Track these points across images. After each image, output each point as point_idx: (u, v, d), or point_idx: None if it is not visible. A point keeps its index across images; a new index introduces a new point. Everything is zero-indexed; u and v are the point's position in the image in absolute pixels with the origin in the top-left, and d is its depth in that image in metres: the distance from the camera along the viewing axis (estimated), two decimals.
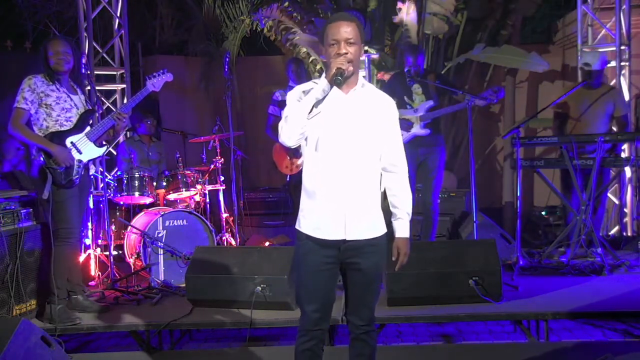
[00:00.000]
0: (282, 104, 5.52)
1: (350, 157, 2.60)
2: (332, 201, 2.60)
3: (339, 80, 2.49)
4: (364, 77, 6.59)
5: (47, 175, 4.04)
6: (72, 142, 4.16)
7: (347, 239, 2.60)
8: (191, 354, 4.20)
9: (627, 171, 6.51)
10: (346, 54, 2.53)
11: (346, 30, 2.55)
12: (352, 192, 2.61)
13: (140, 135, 6.27)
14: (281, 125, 2.58)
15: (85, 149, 4.21)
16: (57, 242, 4.13)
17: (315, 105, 2.50)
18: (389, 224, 2.77)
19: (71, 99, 4.22)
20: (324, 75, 2.59)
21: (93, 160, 4.49)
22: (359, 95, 2.65)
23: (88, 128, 4.26)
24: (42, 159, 4.05)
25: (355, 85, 2.65)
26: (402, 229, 2.77)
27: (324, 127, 2.58)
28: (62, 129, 4.14)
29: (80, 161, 4.19)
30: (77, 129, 4.20)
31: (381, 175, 2.75)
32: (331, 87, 2.52)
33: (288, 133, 2.54)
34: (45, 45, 4.17)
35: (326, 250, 2.61)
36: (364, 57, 6.63)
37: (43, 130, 4.10)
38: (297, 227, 2.71)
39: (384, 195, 2.80)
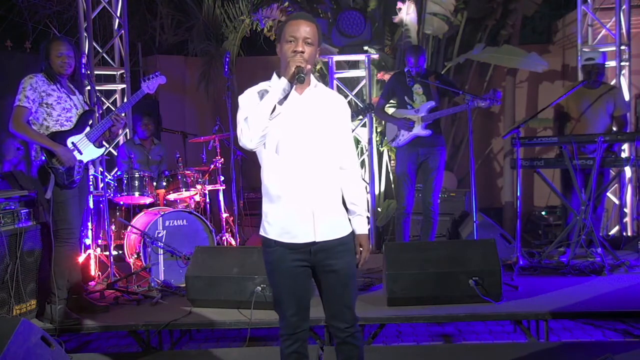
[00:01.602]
0: None
1: (312, 157, 2.58)
2: (299, 203, 2.57)
3: (302, 77, 2.46)
4: (364, 77, 6.67)
5: (50, 175, 4.03)
6: (73, 143, 4.15)
7: (317, 240, 2.58)
8: (191, 354, 4.19)
9: (627, 171, 6.52)
10: (302, 52, 2.51)
11: (305, 29, 2.53)
12: (318, 192, 2.59)
13: (142, 139, 6.27)
14: (240, 128, 2.53)
15: (86, 150, 4.21)
16: (58, 242, 4.12)
17: (280, 103, 2.47)
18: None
19: (71, 99, 4.22)
20: (274, 76, 2.58)
21: (92, 161, 4.49)
22: (313, 95, 2.64)
23: (88, 128, 4.25)
24: (44, 158, 4.04)
25: (309, 86, 2.64)
26: (362, 226, 2.73)
27: (283, 129, 2.55)
28: (63, 129, 4.14)
29: (80, 161, 4.19)
30: (77, 129, 4.19)
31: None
32: (292, 86, 2.49)
33: (249, 135, 2.49)
34: (47, 46, 4.15)
35: (297, 254, 2.59)
36: (364, 57, 6.67)
37: (43, 129, 4.09)
38: (262, 233, 2.68)
39: None
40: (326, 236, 2.59)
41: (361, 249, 2.72)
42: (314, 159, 2.58)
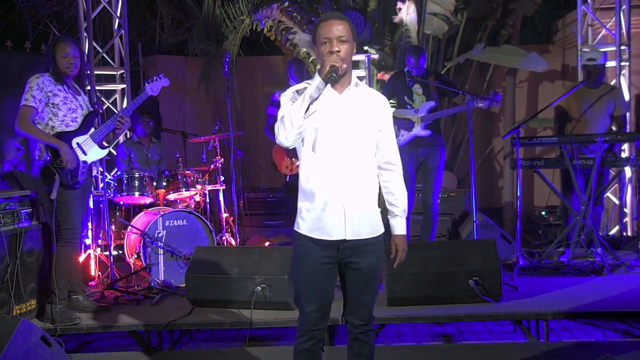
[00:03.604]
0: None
1: (349, 157, 2.60)
2: (332, 201, 2.60)
3: (334, 77, 2.50)
4: (364, 77, 6.66)
5: (55, 175, 4.03)
6: (77, 143, 4.15)
7: (347, 238, 2.61)
8: (191, 354, 4.20)
9: (627, 171, 6.52)
10: (338, 51, 2.53)
11: (338, 28, 2.56)
12: (352, 191, 2.61)
13: (140, 137, 6.27)
14: (277, 126, 2.58)
15: (90, 150, 4.21)
16: (60, 242, 4.13)
17: (312, 103, 2.50)
18: (386, 224, 2.77)
19: (77, 99, 4.22)
20: (317, 74, 2.60)
21: (94, 162, 4.48)
22: (353, 95, 2.66)
23: (92, 129, 4.25)
24: (49, 157, 4.03)
25: (349, 85, 2.66)
26: (400, 227, 2.77)
27: (320, 128, 2.59)
28: (68, 129, 4.13)
29: (85, 162, 4.19)
30: (82, 130, 4.19)
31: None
32: (326, 85, 2.52)
33: (285, 134, 2.54)
34: (53, 47, 4.13)
35: (325, 250, 2.61)
36: (364, 57, 6.66)
37: (48, 129, 4.08)
38: (295, 228, 2.70)
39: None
40: (357, 235, 2.62)
41: (397, 249, 2.74)
42: (350, 158, 2.61)
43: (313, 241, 2.62)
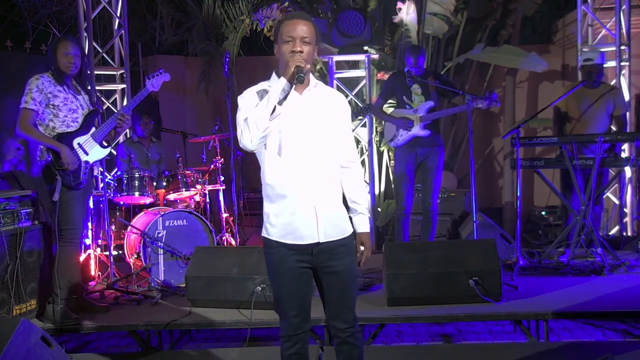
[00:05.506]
0: None
1: (314, 158, 2.58)
2: (302, 204, 2.56)
3: (302, 77, 2.46)
4: (364, 77, 6.67)
5: (56, 176, 4.03)
6: (79, 144, 4.14)
7: (320, 241, 2.58)
8: (191, 354, 4.19)
9: (627, 171, 6.52)
10: (301, 52, 2.51)
11: (302, 28, 2.53)
12: (321, 192, 2.59)
13: (140, 137, 6.27)
14: (240, 129, 2.52)
15: (91, 150, 4.20)
16: (61, 242, 4.11)
17: (279, 104, 2.46)
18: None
19: (77, 99, 4.21)
20: (274, 76, 2.58)
21: (96, 162, 4.48)
22: (313, 95, 2.64)
23: (93, 129, 4.25)
24: (50, 159, 4.03)
25: (309, 85, 2.64)
26: (364, 224, 2.75)
27: (284, 130, 2.55)
28: (69, 130, 4.13)
29: (87, 162, 4.18)
30: (83, 130, 4.18)
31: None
32: (292, 86, 2.48)
33: (250, 136, 2.48)
34: (55, 46, 4.12)
35: (300, 255, 2.59)
36: (364, 57, 6.67)
37: (49, 130, 4.08)
38: (264, 235, 2.67)
39: None
40: (329, 237, 2.59)
41: (362, 247, 2.73)
42: (316, 159, 2.58)
43: (286, 247, 2.59)
